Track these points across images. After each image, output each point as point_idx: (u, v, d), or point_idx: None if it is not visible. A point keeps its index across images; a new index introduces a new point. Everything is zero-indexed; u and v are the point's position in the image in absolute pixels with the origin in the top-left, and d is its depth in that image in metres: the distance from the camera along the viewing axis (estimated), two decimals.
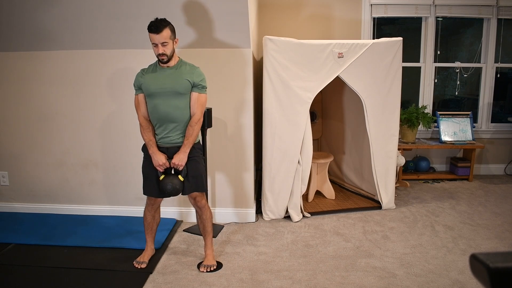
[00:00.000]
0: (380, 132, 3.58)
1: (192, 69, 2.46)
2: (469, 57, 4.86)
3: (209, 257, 2.66)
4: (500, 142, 4.92)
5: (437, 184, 4.53)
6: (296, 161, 3.35)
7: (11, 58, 3.34)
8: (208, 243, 2.68)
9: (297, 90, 3.25)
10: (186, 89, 2.42)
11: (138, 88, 2.51)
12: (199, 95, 2.45)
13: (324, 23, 4.58)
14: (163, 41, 2.33)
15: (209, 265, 2.60)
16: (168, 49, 2.37)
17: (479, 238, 3.06)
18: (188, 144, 2.43)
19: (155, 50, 2.38)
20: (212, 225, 2.69)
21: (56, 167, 3.49)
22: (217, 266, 2.63)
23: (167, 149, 2.49)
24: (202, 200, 2.60)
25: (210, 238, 2.68)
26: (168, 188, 2.43)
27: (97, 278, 2.50)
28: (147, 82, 2.44)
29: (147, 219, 2.68)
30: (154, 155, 2.45)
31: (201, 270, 2.58)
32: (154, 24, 2.32)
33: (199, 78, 2.44)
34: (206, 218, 2.63)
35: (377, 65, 3.44)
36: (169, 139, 2.47)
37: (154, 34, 2.32)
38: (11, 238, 3.04)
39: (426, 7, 4.58)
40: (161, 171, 2.47)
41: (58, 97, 3.37)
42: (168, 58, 2.40)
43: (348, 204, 3.80)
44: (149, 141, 2.47)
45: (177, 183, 2.44)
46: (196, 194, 2.56)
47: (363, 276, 2.50)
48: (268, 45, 3.17)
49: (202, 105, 2.47)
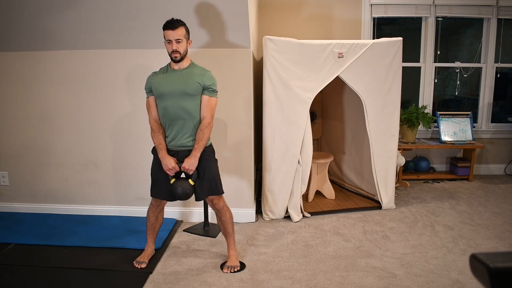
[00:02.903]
0: (380, 132, 3.58)
1: (203, 72, 2.45)
2: (469, 57, 4.86)
3: (232, 257, 2.63)
4: (500, 142, 4.92)
5: (437, 184, 4.53)
6: (296, 161, 3.35)
7: (11, 58, 3.34)
8: (231, 244, 2.66)
9: (297, 90, 3.25)
10: (196, 91, 2.40)
11: (149, 91, 2.49)
12: (209, 99, 2.43)
13: (324, 23, 4.58)
14: (177, 38, 2.33)
15: (232, 266, 2.59)
16: (182, 47, 2.37)
17: (479, 238, 3.06)
18: (198, 148, 2.41)
19: (168, 48, 2.38)
20: (233, 226, 2.66)
21: (56, 167, 3.49)
22: (241, 267, 2.62)
23: (177, 152, 2.48)
24: (219, 202, 2.58)
25: (233, 239, 2.66)
26: (179, 192, 2.42)
27: (97, 278, 2.50)
28: (157, 83, 2.43)
29: (150, 219, 2.67)
30: (163, 159, 2.43)
31: (225, 271, 2.56)
32: (170, 21, 2.35)
33: (210, 81, 2.42)
34: (226, 220, 2.61)
35: (377, 65, 3.44)
36: (179, 142, 2.45)
37: (170, 30, 2.33)
38: (11, 238, 3.04)
39: (426, 7, 4.58)
40: (171, 175, 2.46)
41: (58, 97, 3.37)
42: (181, 56, 2.39)
43: (348, 204, 3.80)
44: (159, 145, 2.46)
45: (187, 187, 2.43)
46: (213, 197, 2.54)
47: (363, 276, 2.50)
48: (268, 45, 3.17)
49: (212, 109, 2.45)
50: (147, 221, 2.68)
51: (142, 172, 3.42)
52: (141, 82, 3.27)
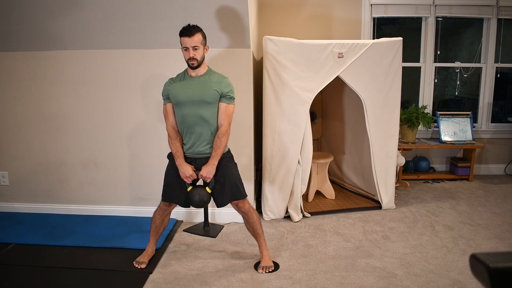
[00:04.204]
0: (380, 132, 3.58)
1: (221, 79, 2.44)
2: (469, 57, 4.86)
3: (265, 258, 2.63)
4: (500, 142, 4.92)
5: (437, 184, 4.53)
6: (296, 161, 3.35)
7: (11, 58, 3.34)
8: (262, 244, 2.65)
9: (297, 90, 3.25)
10: (214, 99, 2.39)
11: (166, 98, 2.49)
12: (227, 106, 2.43)
13: (324, 23, 4.58)
14: (194, 45, 2.33)
15: (267, 266, 2.58)
16: (199, 54, 2.36)
17: (479, 238, 3.06)
18: (216, 156, 2.41)
19: (185, 55, 2.37)
20: (261, 226, 2.65)
21: (56, 167, 3.49)
22: (275, 267, 2.61)
23: (195, 160, 2.48)
24: (245, 206, 2.57)
25: (263, 239, 2.65)
26: (196, 200, 2.43)
27: (97, 278, 2.50)
28: (175, 90, 2.43)
29: (156, 221, 2.67)
30: (181, 166, 2.43)
31: (260, 272, 2.56)
32: (187, 28, 2.34)
33: (228, 88, 2.42)
34: (254, 221, 2.60)
35: (377, 65, 3.44)
36: (197, 149, 2.45)
37: (186, 38, 2.32)
38: (11, 238, 3.04)
39: (426, 7, 4.58)
40: (188, 182, 2.46)
41: (58, 97, 3.37)
42: (198, 63, 2.39)
43: (348, 204, 3.80)
44: (176, 152, 2.46)
45: (205, 194, 2.44)
46: (237, 202, 2.54)
47: (363, 276, 2.50)
48: (268, 45, 3.17)
49: (229, 116, 2.44)
50: (152, 223, 2.69)
51: (142, 172, 3.43)
52: (141, 82, 3.29)
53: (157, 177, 3.43)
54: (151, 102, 3.30)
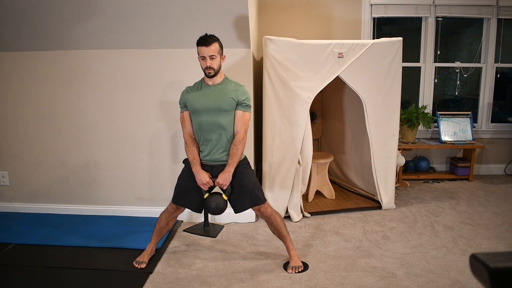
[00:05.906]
0: (380, 132, 3.58)
1: (237, 87, 2.46)
2: (469, 57, 4.86)
3: (294, 258, 2.63)
4: (500, 142, 4.92)
5: (437, 184, 4.53)
6: (296, 161, 3.35)
7: (11, 58, 3.34)
8: (289, 245, 2.65)
9: (297, 90, 3.25)
10: (230, 107, 2.42)
11: (183, 106, 2.51)
12: (243, 114, 2.45)
13: (324, 23, 4.58)
14: (211, 54, 2.35)
15: (296, 266, 2.58)
16: (216, 63, 2.38)
17: (479, 238, 3.06)
18: (232, 163, 2.43)
19: (202, 64, 2.39)
20: (286, 227, 2.64)
21: (56, 167, 3.49)
22: (304, 267, 2.61)
23: (211, 167, 2.50)
24: (267, 210, 2.57)
25: (289, 240, 2.66)
26: (212, 207, 2.45)
27: (97, 278, 2.50)
28: (192, 99, 2.45)
29: (161, 223, 2.69)
30: (197, 174, 2.45)
31: (289, 272, 2.56)
32: (204, 37, 2.36)
33: (244, 96, 2.44)
34: (278, 224, 2.60)
35: (377, 65, 3.44)
36: (214, 157, 2.47)
37: (203, 47, 2.34)
38: (11, 238, 3.04)
39: (426, 7, 4.58)
40: (205, 189, 2.48)
41: (58, 97, 3.37)
42: (215, 72, 2.40)
43: (348, 204, 3.80)
44: (193, 159, 2.48)
45: (221, 202, 2.45)
46: (258, 207, 2.55)
47: (363, 276, 2.50)
48: (268, 45, 3.17)
49: (245, 124, 2.46)
50: (157, 224, 2.70)
51: (142, 172, 3.43)
52: (141, 82, 3.29)
53: (157, 177, 3.43)
54: (151, 102, 3.30)
